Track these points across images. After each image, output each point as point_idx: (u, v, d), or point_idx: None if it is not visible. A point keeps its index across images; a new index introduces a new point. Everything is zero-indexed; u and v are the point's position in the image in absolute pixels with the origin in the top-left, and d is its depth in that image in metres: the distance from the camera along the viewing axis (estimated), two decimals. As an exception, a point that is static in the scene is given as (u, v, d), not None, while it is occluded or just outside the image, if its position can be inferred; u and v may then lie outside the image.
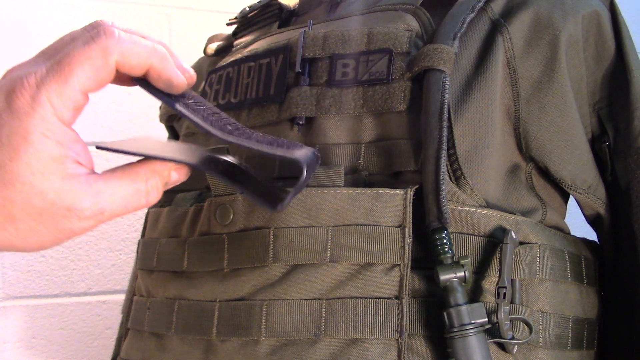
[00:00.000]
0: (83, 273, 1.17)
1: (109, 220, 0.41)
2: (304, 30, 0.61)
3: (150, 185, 0.42)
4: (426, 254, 0.52)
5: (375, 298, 0.51)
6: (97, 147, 0.42)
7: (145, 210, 0.69)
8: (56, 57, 0.39)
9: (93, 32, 0.40)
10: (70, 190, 0.39)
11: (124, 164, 0.42)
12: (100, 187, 0.40)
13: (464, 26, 0.56)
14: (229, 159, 0.46)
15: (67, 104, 0.39)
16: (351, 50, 0.58)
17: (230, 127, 0.44)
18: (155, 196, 0.43)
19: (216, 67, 0.69)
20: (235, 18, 0.77)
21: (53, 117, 0.38)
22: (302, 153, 0.44)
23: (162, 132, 0.82)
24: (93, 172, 0.41)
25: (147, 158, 0.43)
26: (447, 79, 0.53)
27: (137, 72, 0.41)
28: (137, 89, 0.44)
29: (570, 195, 0.62)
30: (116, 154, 0.43)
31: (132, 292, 0.68)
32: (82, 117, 0.41)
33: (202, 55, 0.80)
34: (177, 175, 0.44)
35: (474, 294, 0.52)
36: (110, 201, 0.40)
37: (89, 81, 0.39)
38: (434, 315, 0.51)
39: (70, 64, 0.39)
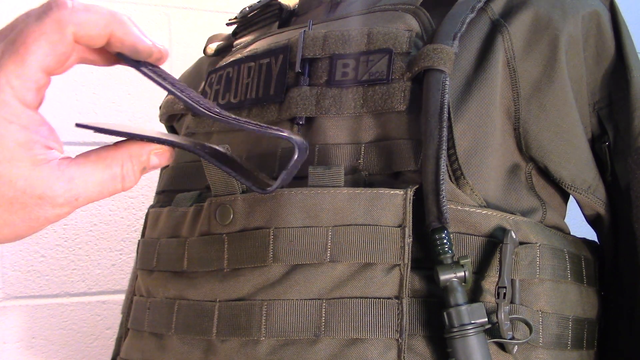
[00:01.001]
0: (83, 273, 1.17)
1: (84, 205, 0.40)
2: (304, 30, 0.61)
3: (127, 170, 0.40)
4: (426, 254, 0.52)
5: (375, 298, 0.51)
6: (77, 125, 0.40)
7: (145, 210, 0.69)
8: (10, 36, 0.38)
9: (45, 6, 0.38)
10: (41, 177, 0.37)
11: (98, 148, 0.41)
12: (73, 173, 0.38)
13: (464, 26, 0.56)
14: (219, 147, 0.44)
15: (27, 85, 0.37)
16: (351, 50, 0.58)
17: (217, 109, 0.42)
18: (132, 180, 0.41)
19: (216, 67, 0.69)
20: (235, 18, 0.77)
21: (14, 100, 0.37)
22: (292, 134, 0.42)
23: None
24: (65, 156, 0.39)
25: (125, 141, 0.41)
26: (447, 79, 0.53)
27: (98, 41, 0.39)
28: (138, 90, 0.43)
29: (570, 195, 0.62)
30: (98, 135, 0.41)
31: (132, 292, 0.68)
32: (83, 117, 0.40)
33: (202, 55, 0.80)
34: (157, 160, 0.42)
35: (474, 294, 0.52)
36: (84, 187, 0.39)
37: (47, 58, 0.38)
38: (434, 315, 0.51)
39: (26, 42, 0.37)
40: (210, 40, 0.79)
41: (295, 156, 0.40)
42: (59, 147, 0.39)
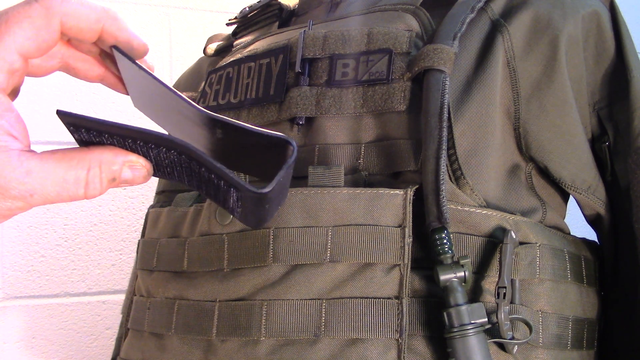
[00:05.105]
0: (83, 273, 1.17)
1: (41, 205, 0.37)
2: (304, 30, 0.61)
3: (92, 175, 0.37)
4: (426, 254, 0.52)
5: (375, 298, 0.51)
6: (57, 112, 0.37)
7: (146, 210, 0.69)
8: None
9: None
10: None
11: (68, 148, 0.37)
12: (32, 166, 0.35)
13: (464, 26, 0.56)
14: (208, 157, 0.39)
15: (0, 64, 0.35)
16: (351, 50, 0.58)
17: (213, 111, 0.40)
18: (97, 189, 0.37)
19: (216, 67, 0.69)
20: (235, 18, 0.77)
21: None
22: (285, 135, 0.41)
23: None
24: (29, 149, 0.36)
25: (99, 146, 0.37)
26: (447, 79, 0.53)
27: (88, 35, 0.38)
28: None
29: (570, 195, 0.62)
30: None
31: (132, 292, 0.68)
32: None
33: (202, 55, 0.80)
34: (130, 173, 0.38)
35: (474, 294, 0.52)
36: (42, 184, 0.36)
37: (27, 42, 0.36)
38: (434, 315, 0.51)
39: (8, 21, 0.35)
40: (210, 40, 0.79)
41: (294, 156, 0.38)
42: (22, 139, 0.36)
